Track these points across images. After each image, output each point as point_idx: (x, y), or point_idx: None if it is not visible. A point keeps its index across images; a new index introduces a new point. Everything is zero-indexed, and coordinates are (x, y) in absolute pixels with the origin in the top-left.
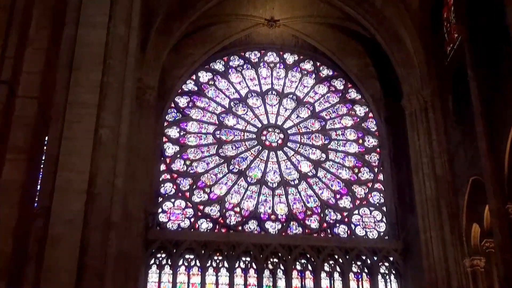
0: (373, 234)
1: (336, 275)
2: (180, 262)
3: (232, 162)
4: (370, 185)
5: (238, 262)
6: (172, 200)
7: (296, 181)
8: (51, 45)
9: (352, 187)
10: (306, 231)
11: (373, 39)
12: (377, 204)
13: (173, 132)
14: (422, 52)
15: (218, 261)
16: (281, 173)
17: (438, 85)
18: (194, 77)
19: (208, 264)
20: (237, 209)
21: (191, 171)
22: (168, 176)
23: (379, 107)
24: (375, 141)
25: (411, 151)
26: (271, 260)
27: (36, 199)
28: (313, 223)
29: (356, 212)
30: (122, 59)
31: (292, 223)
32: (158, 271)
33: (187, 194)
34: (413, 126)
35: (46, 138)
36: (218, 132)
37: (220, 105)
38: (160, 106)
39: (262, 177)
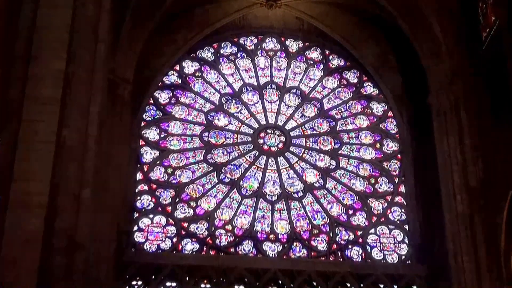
0: (393, 258)
1: None
2: None
3: (223, 171)
4: (389, 198)
5: None
6: (151, 216)
7: (300, 194)
8: (3, 29)
9: (368, 201)
10: (312, 253)
11: (394, 24)
12: (398, 222)
13: (152, 134)
14: (453, 39)
15: None
16: (282, 183)
17: (472, 78)
18: (177, 67)
19: None
20: (229, 227)
21: (173, 181)
22: (146, 187)
23: (400, 105)
24: (395, 146)
25: (439, 158)
26: None
27: None
28: (321, 244)
29: (372, 231)
30: (90, 46)
31: (295, 244)
32: None
33: (169, 208)
34: (442, 128)
35: None
36: (206, 134)
37: (209, 101)
38: (137, 103)
39: (259, 188)
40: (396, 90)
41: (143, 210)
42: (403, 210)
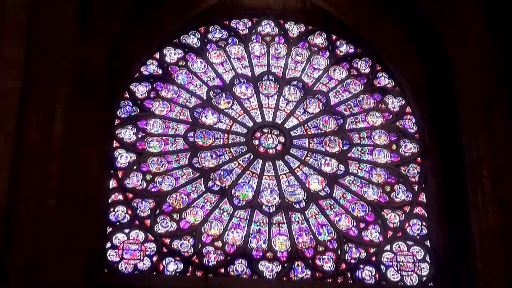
0: (412, 280)
1: None
2: None
3: (211, 177)
4: (407, 209)
5: None
6: (126, 230)
7: (303, 204)
8: None
9: (382, 213)
10: (317, 274)
11: (413, 4)
12: (418, 237)
13: (127, 134)
14: (484, 21)
15: None
16: (281, 192)
17: (506, 70)
18: (157, 55)
19: None
20: (219, 244)
21: (152, 190)
22: (121, 197)
23: (420, 99)
24: (414, 147)
25: (467, 162)
26: None
27: None
28: (327, 264)
29: (387, 248)
30: (54, 29)
31: (296, 263)
32: None
33: (147, 222)
34: (470, 127)
35: None
36: (192, 134)
37: (195, 95)
38: (110, 97)
39: (254, 198)
40: (416, 81)
41: (118, 223)
42: (423, 224)
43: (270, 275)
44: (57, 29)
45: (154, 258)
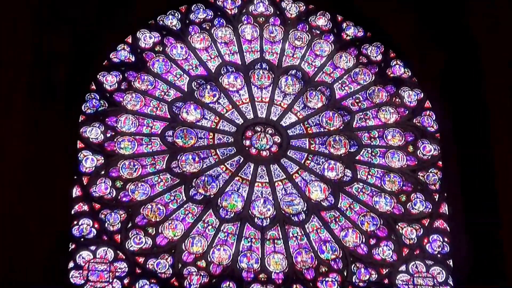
0: None
1: None
2: None
3: (193, 184)
4: (426, 222)
5: None
6: (92, 247)
7: (302, 216)
8: None
9: (397, 227)
10: None
11: None
12: (439, 255)
13: (94, 133)
14: None
15: None
16: (277, 202)
17: None
18: (130, 39)
19: None
20: (202, 263)
21: (124, 199)
22: (86, 207)
23: (442, 92)
24: (435, 149)
25: (498, 167)
26: None
27: None
28: (331, 287)
29: (403, 268)
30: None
31: (295, 286)
32: None
33: (118, 237)
34: (501, 125)
35: None
36: (171, 132)
37: (174, 87)
38: (74, 89)
39: (244, 209)
40: (437, 71)
41: (82, 239)
42: (445, 240)
43: None
44: (12, 9)
45: (126, 280)
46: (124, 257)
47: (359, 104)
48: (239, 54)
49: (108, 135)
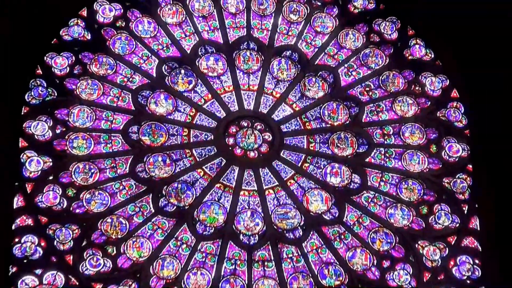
0: None
1: None
2: None
3: (164, 192)
4: (453, 240)
5: None
6: (38, 271)
7: (299, 233)
8: None
9: (416, 246)
10: None
11: None
12: (468, 281)
13: (40, 128)
14: None
15: None
16: (268, 215)
17: None
18: (85, 12)
19: None
20: None
21: (77, 211)
22: (30, 221)
23: (473, 78)
24: (463, 149)
25: None
26: None
27: None
28: None
29: None
30: None
31: None
32: None
33: (70, 258)
34: None
35: None
36: (135, 128)
37: (140, 71)
38: (16, 74)
39: (226, 223)
40: (465, 53)
41: (25, 260)
42: (476, 261)
43: None
44: None
45: None
46: (77, 283)
47: (370, 93)
48: (220, 31)
49: (58, 131)
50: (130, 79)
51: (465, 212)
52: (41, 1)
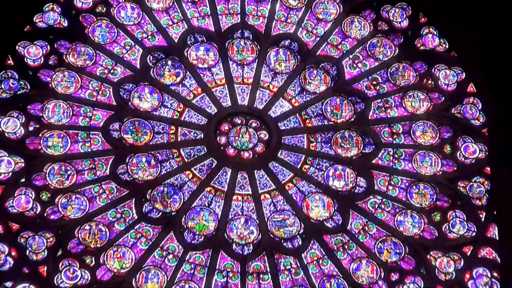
0: None
1: None
2: None
3: (149, 196)
4: (469, 251)
5: None
6: (8, 284)
7: (298, 242)
8: None
9: (428, 257)
10: None
11: None
12: None
13: (11, 125)
14: None
15: None
16: (263, 222)
17: None
18: None
19: None
20: None
21: (52, 217)
22: (0, 229)
23: (491, 71)
24: (481, 150)
25: None
26: None
27: None
28: None
29: None
30: None
31: None
32: None
33: (43, 270)
34: None
35: None
36: (117, 125)
37: (122, 62)
38: None
39: (217, 231)
40: (483, 42)
41: None
42: (495, 274)
43: None
44: None
45: None
46: None
47: (377, 87)
48: (212, 18)
49: (31, 128)
50: (111, 71)
51: (482, 219)
52: None
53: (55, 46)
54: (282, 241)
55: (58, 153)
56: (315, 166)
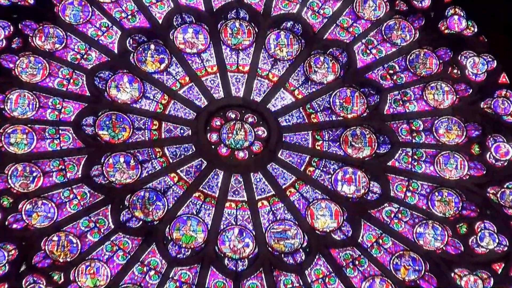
0: None
1: None
2: None
3: (128, 202)
4: (499, 268)
5: None
6: None
7: (300, 257)
8: None
9: (453, 275)
10: None
11: None
12: None
13: None
14: None
15: None
16: (261, 233)
17: None
18: None
19: None
20: None
21: (14, 226)
22: None
23: None
24: None
25: None
26: None
27: None
28: None
29: None
30: None
31: None
32: None
33: (4, 287)
34: None
35: None
36: (91, 119)
37: (97, 46)
38: None
39: (208, 244)
40: None
41: None
42: None
43: None
44: None
45: None
46: None
47: (394, 77)
48: None
49: None
50: (85, 56)
51: None
52: None
53: (20, 27)
54: (283, 255)
55: (22, 152)
56: (321, 168)
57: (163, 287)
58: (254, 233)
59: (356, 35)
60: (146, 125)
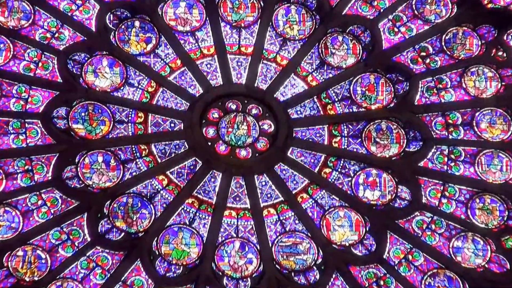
0: None
1: None
2: None
3: (107, 210)
4: None
5: None
6: None
7: (315, 276)
8: None
9: None
10: None
11: None
12: None
13: None
14: None
15: None
16: (267, 247)
17: None
18: None
19: None
20: None
21: None
22: None
23: None
24: None
25: None
26: None
27: None
28: None
29: None
30: None
31: None
32: None
33: None
34: None
35: None
36: (64, 111)
37: (71, 23)
38: None
39: (204, 260)
40: None
41: None
42: None
43: None
44: None
45: None
46: None
47: (427, 60)
48: None
49: None
50: (56, 35)
51: None
52: None
53: None
54: (293, 274)
55: None
56: (339, 169)
57: None
58: (258, 247)
59: (382, 10)
60: (130, 118)
